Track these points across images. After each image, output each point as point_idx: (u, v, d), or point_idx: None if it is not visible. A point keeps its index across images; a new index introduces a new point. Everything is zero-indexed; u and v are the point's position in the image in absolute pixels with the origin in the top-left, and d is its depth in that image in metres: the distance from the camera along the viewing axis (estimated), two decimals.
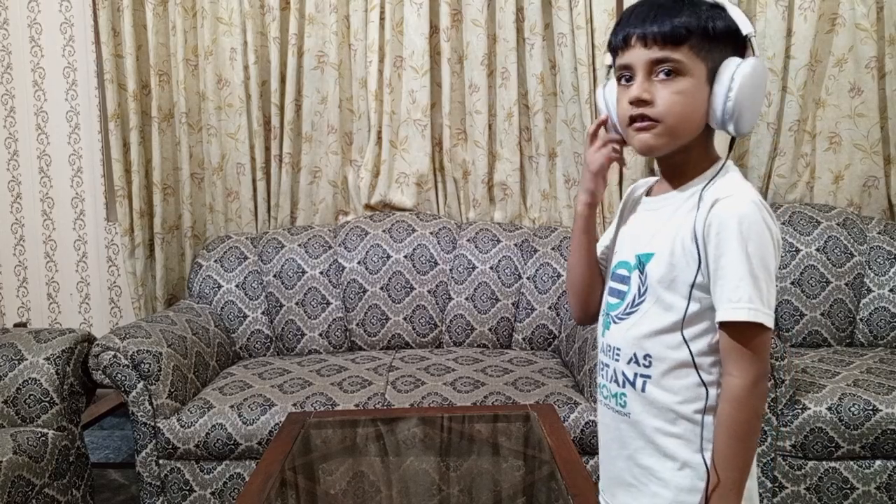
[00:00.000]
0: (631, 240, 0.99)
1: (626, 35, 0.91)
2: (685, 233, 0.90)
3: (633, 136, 0.94)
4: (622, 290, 0.98)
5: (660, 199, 0.98)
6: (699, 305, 0.90)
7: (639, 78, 0.90)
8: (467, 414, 1.80)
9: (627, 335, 0.96)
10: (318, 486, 1.46)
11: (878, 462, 1.82)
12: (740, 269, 0.85)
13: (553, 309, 2.41)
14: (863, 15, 2.37)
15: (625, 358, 0.96)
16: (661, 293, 0.92)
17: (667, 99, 0.89)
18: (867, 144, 2.44)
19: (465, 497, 1.38)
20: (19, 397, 1.84)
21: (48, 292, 2.92)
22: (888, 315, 2.26)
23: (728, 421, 0.87)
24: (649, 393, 0.94)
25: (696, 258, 0.89)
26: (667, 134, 0.90)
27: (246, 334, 2.44)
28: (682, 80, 0.89)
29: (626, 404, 0.96)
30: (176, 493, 1.92)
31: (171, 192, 2.68)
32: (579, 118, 2.49)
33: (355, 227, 2.55)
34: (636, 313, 0.95)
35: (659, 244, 0.94)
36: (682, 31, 0.87)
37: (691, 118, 0.90)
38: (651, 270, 0.94)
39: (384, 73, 2.59)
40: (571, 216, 2.63)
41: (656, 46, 0.88)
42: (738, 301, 0.85)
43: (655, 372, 0.93)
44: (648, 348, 0.94)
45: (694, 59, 0.88)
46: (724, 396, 0.88)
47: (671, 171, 0.97)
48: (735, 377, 0.87)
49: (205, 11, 2.57)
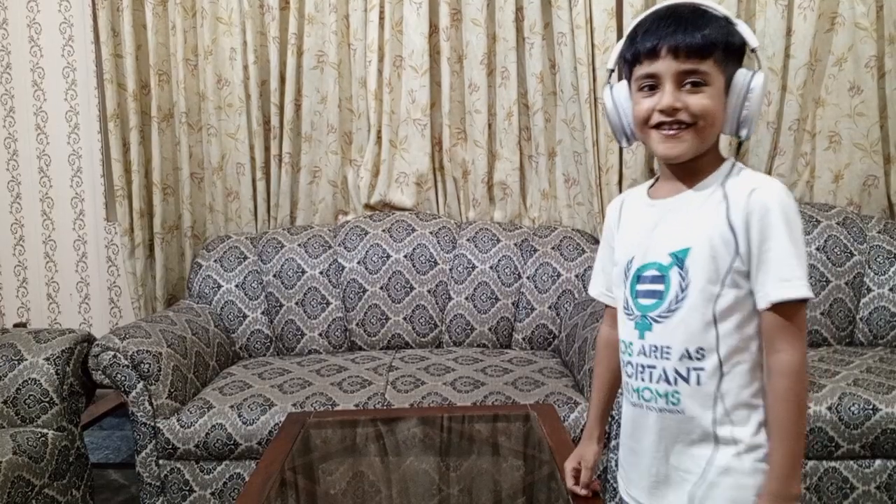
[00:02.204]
0: (658, 241, 1.01)
1: (655, 46, 0.95)
2: (720, 224, 0.95)
3: (657, 142, 0.99)
4: (658, 290, 1.00)
5: (678, 198, 1.02)
6: (741, 291, 0.95)
7: (668, 87, 0.95)
8: (467, 414, 1.80)
9: (677, 332, 0.98)
10: (318, 486, 1.46)
11: (877, 462, 1.82)
12: (789, 250, 0.91)
13: (553, 309, 2.41)
14: (862, 14, 2.37)
15: (676, 355, 0.98)
16: (704, 285, 0.95)
17: (698, 105, 0.95)
18: (867, 143, 2.44)
19: (465, 497, 1.38)
20: (19, 397, 1.84)
21: (48, 292, 2.92)
22: (888, 314, 2.26)
23: (788, 394, 0.91)
24: (705, 385, 0.96)
25: (733, 246, 0.94)
26: (697, 138, 0.96)
27: (246, 334, 2.44)
28: (708, 89, 0.95)
29: (679, 401, 0.98)
30: (176, 493, 1.92)
31: (170, 192, 2.68)
32: (579, 118, 2.49)
33: (355, 226, 2.55)
34: (681, 309, 0.97)
35: (694, 238, 0.97)
36: (710, 44, 0.93)
37: (716, 124, 0.97)
38: (691, 265, 0.97)
39: (384, 72, 2.59)
40: (571, 215, 2.63)
41: (686, 58, 0.94)
42: (791, 279, 0.91)
43: (709, 363, 0.96)
44: (700, 341, 0.96)
45: (717, 70, 0.95)
46: (779, 372, 0.92)
47: (685, 173, 1.01)
48: (787, 353, 0.92)
49: (204, 11, 2.57)
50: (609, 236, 1.15)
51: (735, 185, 0.96)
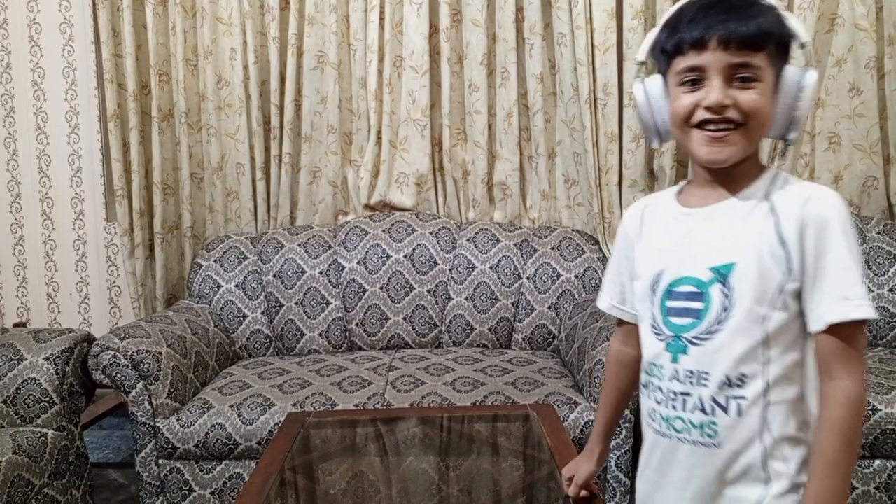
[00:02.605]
0: (695, 253, 0.91)
1: (703, 35, 0.85)
2: (769, 237, 0.86)
3: (701, 143, 0.89)
4: (696, 309, 0.90)
5: (718, 207, 0.92)
6: (790, 313, 0.86)
7: (716, 82, 0.85)
8: (467, 414, 1.80)
9: (718, 356, 0.88)
10: (318, 486, 1.46)
11: (877, 462, 1.82)
12: (849, 265, 0.83)
13: (553, 309, 2.41)
14: (862, 15, 2.37)
15: (715, 382, 0.88)
16: (751, 305, 0.86)
17: (750, 103, 0.85)
18: (867, 144, 2.44)
19: (465, 497, 1.38)
20: (19, 397, 1.84)
21: (48, 292, 2.92)
22: (888, 315, 2.26)
23: (842, 426, 0.82)
24: (746, 415, 0.87)
25: (785, 263, 0.85)
26: (746, 140, 0.87)
27: (245, 334, 2.44)
28: (759, 85, 0.86)
29: (715, 433, 0.88)
30: (175, 492, 1.92)
31: (170, 192, 2.68)
32: (579, 118, 2.49)
33: (355, 226, 2.55)
34: (723, 331, 0.87)
35: (740, 253, 0.87)
36: (765, 34, 0.84)
37: (767, 125, 0.88)
38: (737, 282, 0.87)
39: (384, 73, 2.59)
40: (571, 216, 2.63)
41: (738, 50, 0.84)
42: (855, 298, 0.82)
43: (751, 391, 0.86)
44: (743, 367, 0.86)
45: (768, 65, 0.86)
46: (835, 401, 0.83)
47: (725, 178, 0.92)
48: (845, 380, 0.83)
49: (204, 11, 2.57)
50: (626, 246, 1.04)
51: (784, 195, 0.87)
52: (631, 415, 1.86)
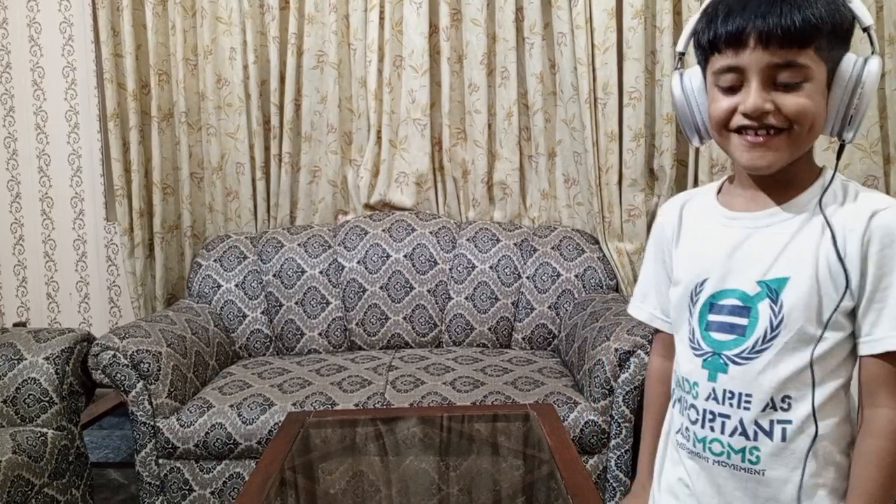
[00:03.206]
0: (744, 265, 0.84)
1: (740, 31, 0.76)
2: (827, 252, 0.78)
3: (741, 149, 0.80)
4: (740, 325, 0.83)
5: (765, 214, 0.84)
6: (843, 334, 0.80)
7: (755, 84, 0.76)
8: (467, 413, 1.80)
9: (763, 378, 0.81)
10: (318, 486, 1.46)
11: None
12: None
13: (553, 308, 2.41)
14: None
15: (758, 405, 0.81)
16: (803, 324, 0.79)
17: (794, 107, 0.76)
18: (867, 144, 2.44)
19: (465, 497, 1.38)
20: (18, 397, 1.84)
21: (47, 292, 2.92)
22: None
23: (883, 458, 0.77)
24: (792, 441, 0.80)
25: (843, 282, 0.77)
26: (791, 146, 0.78)
27: (245, 334, 2.44)
28: (807, 86, 0.76)
29: (758, 459, 0.82)
30: (175, 492, 1.92)
31: (170, 191, 2.68)
32: (579, 118, 2.49)
33: (355, 226, 2.55)
34: (769, 350, 0.81)
35: (794, 267, 0.80)
36: (812, 28, 0.73)
37: (816, 128, 0.78)
38: (789, 298, 0.80)
39: (384, 72, 2.59)
40: (571, 216, 2.63)
41: (780, 48, 0.74)
42: None
43: (797, 415, 0.80)
44: (788, 389, 0.80)
45: (818, 61, 0.76)
46: (878, 432, 0.78)
47: (773, 183, 0.84)
48: (892, 409, 0.77)
49: (204, 11, 2.57)
50: (664, 248, 0.96)
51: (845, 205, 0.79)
52: (631, 414, 1.86)
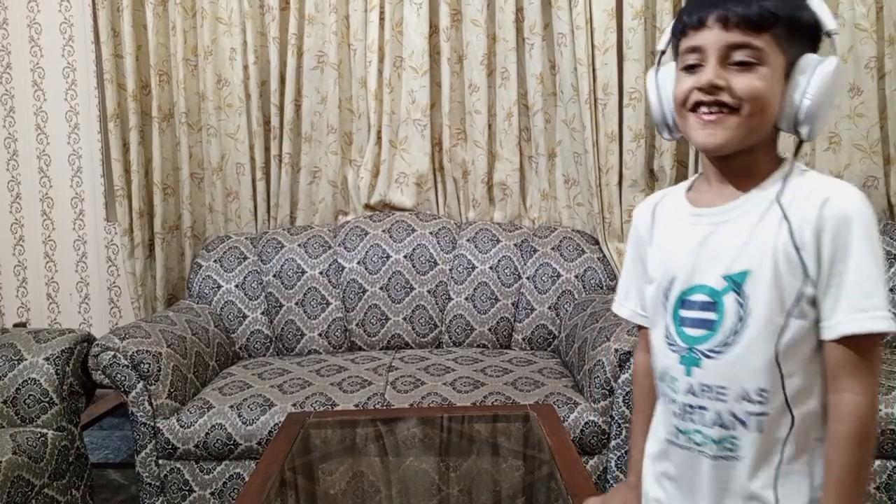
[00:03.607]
0: (708, 260, 0.86)
1: (702, 14, 0.81)
2: (784, 242, 0.81)
3: (695, 128, 0.84)
4: (710, 320, 0.85)
5: (726, 208, 0.86)
6: (808, 322, 0.81)
7: (711, 61, 0.81)
8: (467, 414, 1.80)
9: (734, 370, 0.83)
10: (318, 486, 1.46)
11: (877, 462, 1.82)
12: (871, 273, 0.78)
13: (553, 309, 2.41)
14: (862, 15, 2.37)
15: (733, 396, 0.84)
16: (768, 315, 0.81)
17: (745, 86, 0.80)
18: (867, 144, 2.44)
19: (465, 497, 1.38)
20: (19, 397, 1.84)
21: (48, 292, 2.92)
22: None
23: (849, 443, 0.79)
24: (768, 430, 0.83)
25: (801, 269, 0.80)
26: (743, 126, 0.81)
27: (245, 334, 2.44)
28: (760, 69, 0.80)
29: (736, 448, 0.84)
30: (175, 493, 1.92)
31: (170, 192, 2.68)
32: (579, 118, 2.49)
33: (355, 227, 2.55)
34: (739, 343, 0.83)
35: (754, 259, 0.82)
36: (768, 15, 0.79)
37: (768, 112, 0.82)
38: (752, 291, 0.82)
39: (384, 72, 2.59)
40: (571, 216, 2.63)
41: (737, 30, 0.79)
42: (872, 309, 0.77)
43: (772, 406, 0.82)
44: (761, 381, 0.82)
45: (775, 49, 0.80)
46: (844, 416, 0.79)
47: (735, 174, 0.86)
48: (857, 394, 0.78)
49: (204, 11, 2.57)
50: (639, 247, 0.99)
51: (800, 194, 0.82)
52: (631, 415, 1.86)
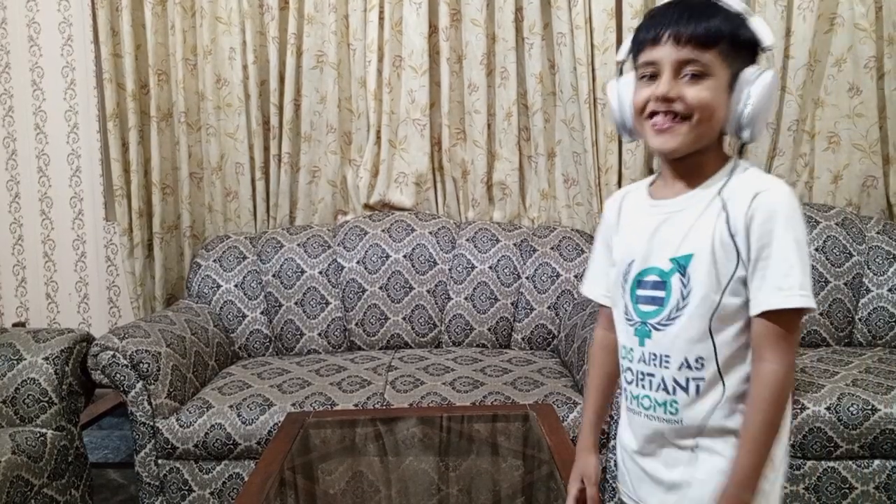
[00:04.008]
0: (660, 245, 0.98)
1: (657, 32, 0.93)
2: (721, 229, 0.92)
3: (651, 134, 0.96)
4: (659, 297, 0.97)
5: (678, 200, 0.98)
6: (741, 299, 0.92)
7: (666, 75, 0.92)
8: (466, 414, 1.80)
9: (677, 341, 0.95)
10: (318, 486, 1.46)
11: (876, 462, 1.83)
12: (791, 257, 0.88)
13: (552, 309, 2.41)
14: (861, 15, 2.37)
15: (675, 364, 0.96)
16: (706, 293, 0.93)
17: (695, 97, 0.91)
18: (866, 144, 2.44)
19: (465, 497, 1.38)
20: (18, 397, 1.84)
21: (47, 292, 2.92)
22: (887, 315, 2.26)
23: (763, 405, 0.89)
24: (704, 394, 0.95)
25: (734, 253, 0.91)
26: (693, 132, 0.93)
27: (245, 334, 2.44)
28: (708, 81, 0.92)
29: (677, 411, 0.96)
30: (175, 493, 1.92)
31: (169, 191, 2.68)
32: (578, 118, 2.49)
33: (354, 226, 2.55)
34: (682, 317, 0.95)
35: (696, 244, 0.94)
36: (714, 34, 0.90)
37: (715, 119, 0.93)
38: (694, 272, 0.94)
39: (383, 72, 2.59)
40: (570, 216, 2.63)
41: (688, 46, 0.91)
42: (790, 288, 0.88)
43: (708, 373, 0.94)
44: (699, 350, 0.94)
45: (720, 63, 0.92)
46: (760, 382, 0.90)
47: (686, 171, 0.98)
48: (773, 363, 0.89)
49: (203, 11, 2.57)
50: (607, 235, 1.11)
51: (737, 188, 0.93)
52: None
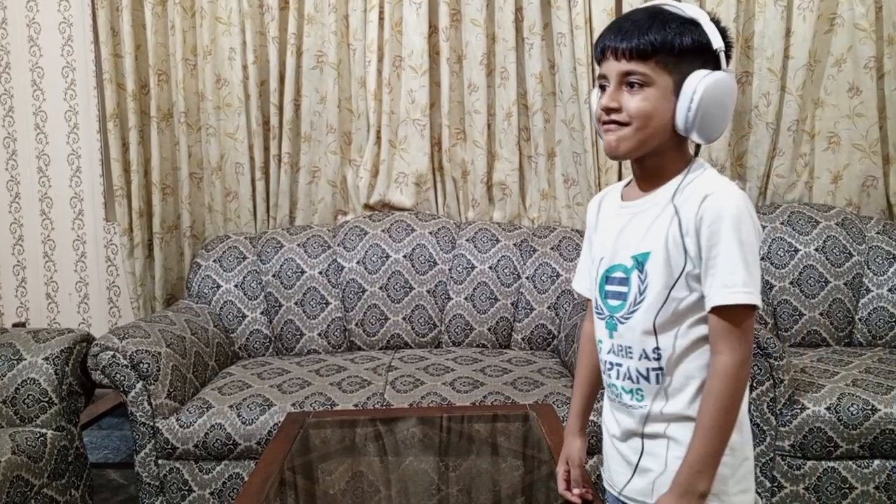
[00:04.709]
0: (623, 244, 1.04)
1: (602, 48, 1.00)
2: (673, 229, 0.97)
3: (604, 139, 1.02)
4: (623, 292, 1.03)
5: (641, 202, 1.04)
6: (694, 295, 0.97)
7: (611, 87, 0.99)
8: (466, 414, 1.80)
9: (636, 333, 1.01)
10: (318, 486, 1.46)
11: (876, 462, 1.83)
12: (735, 256, 0.93)
13: (552, 309, 2.41)
14: (861, 15, 2.37)
15: (636, 354, 1.02)
16: (660, 289, 0.98)
17: (633, 106, 0.97)
18: (866, 144, 2.44)
19: (465, 497, 1.38)
20: (18, 397, 1.84)
21: (47, 292, 2.92)
22: (887, 315, 2.26)
23: (716, 395, 0.94)
24: (664, 383, 1.00)
25: (684, 251, 0.96)
26: (632, 138, 0.98)
27: (245, 334, 2.44)
28: (647, 90, 0.96)
29: (642, 398, 1.02)
30: (175, 493, 1.92)
31: (169, 191, 2.68)
32: (578, 118, 2.49)
33: (354, 226, 2.55)
34: (639, 311, 1.01)
35: (653, 243, 0.99)
36: (647, 47, 0.95)
37: (655, 124, 0.98)
38: (650, 268, 0.99)
39: (383, 72, 2.59)
40: (570, 216, 2.63)
41: (625, 60, 0.97)
42: (733, 286, 0.92)
43: (666, 362, 1.00)
44: (657, 341, 1.00)
45: (660, 72, 0.96)
46: (713, 373, 0.95)
47: (647, 174, 1.04)
48: (725, 355, 0.94)
49: (204, 11, 2.57)
50: (589, 233, 1.18)
51: (689, 192, 0.97)
52: None
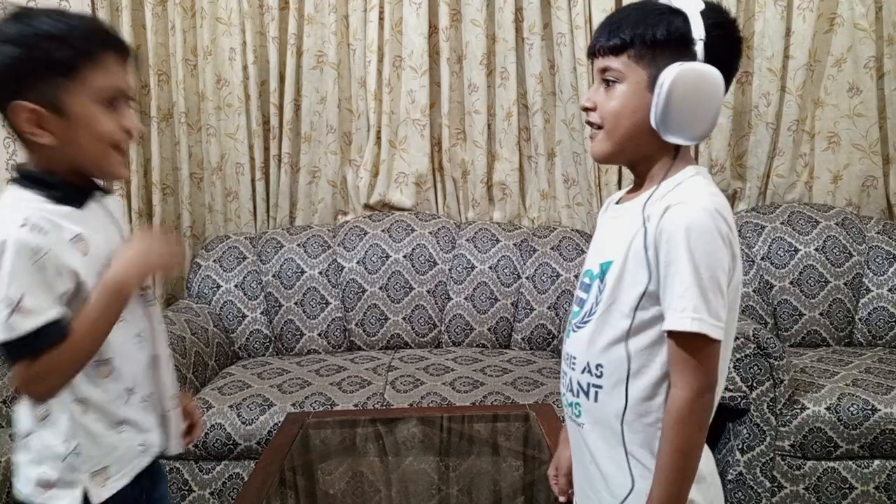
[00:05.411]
0: (598, 249, 0.97)
1: (590, 46, 0.95)
2: (638, 241, 0.88)
3: None
4: (583, 299, 0.96)
5: (620, 207, 0.97)
6: (649, 313, 0.87)
7: (595, 84, 0.94)
8: (466, 414, 1.80)
9: (582, 344, 0.93)
10: (317, 487, 1.46)
11: (876, 462, 1.83)
12: (686, 279, 0.82)
13: (552, 309, 2.41)
14: (861, 15, 2.37)
15: (580, 367, 0.93)
16: (613, 302, 0.90)
17: (603, 105, 0.91)
18: (866, 144, 2.44)
19: (465, 497, 1.38)
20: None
21: None
22: (887, 315, 2.26)
23: (670, 434, 0.84)
24: (603, 404, 0.91)
25: (646, 266, 0.86)
26: (608, 140, 0.92)
27: (245, 334, 2.44)
28: (618, 86, 0.90)
29: (580, 414, 0.94)
30: (175, 493, 1.92)
31: (170, 191, 2.68)
32: (578, 118, 2.49)
33: (354, 226, 2.55)
34: (591, 322, 0.92)
35: (615, 252, 0.91)
36: (618, 41, 0.89)
37: (627, 123, 0.90)
38: (609, 278, 0.91)
39: (383, 72, 2.59)
40: (570, 216, 2.63)
41: (601, 56, 0.91)
42: (682, 310, 0.83)
43: (607, 382, 0.90)
44: (600, 358, 0.91)
45: (633, 66, 0.88)
46: (668, 410, 0.85)
47: (639, 179, 0.96)
48: (679, 389, 0.84)
49: (204, 11, 2.57)
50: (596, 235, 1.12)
51: (657, 202, 0.87)
52: None
